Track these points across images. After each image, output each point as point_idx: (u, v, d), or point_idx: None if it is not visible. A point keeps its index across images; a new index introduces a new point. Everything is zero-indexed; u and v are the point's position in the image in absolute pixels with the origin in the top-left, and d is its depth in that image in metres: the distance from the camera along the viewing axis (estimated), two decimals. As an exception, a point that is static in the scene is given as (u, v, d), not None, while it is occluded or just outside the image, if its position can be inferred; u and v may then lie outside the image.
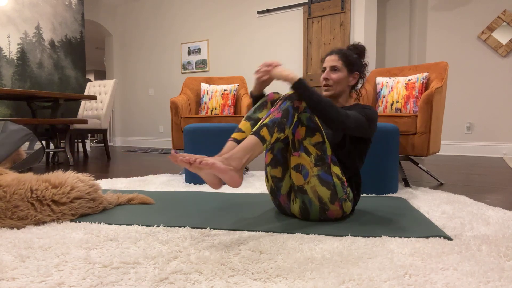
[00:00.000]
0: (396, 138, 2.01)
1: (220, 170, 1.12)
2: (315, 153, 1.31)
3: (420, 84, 2.47)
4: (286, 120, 1.26)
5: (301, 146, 1.31)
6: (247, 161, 1.19)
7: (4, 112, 4.50)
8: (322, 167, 1.31)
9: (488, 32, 4.53)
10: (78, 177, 1.52)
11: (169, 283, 0.86)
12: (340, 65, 1.51)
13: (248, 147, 1.20)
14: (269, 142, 1.23)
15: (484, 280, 0.86)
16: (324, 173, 1.31)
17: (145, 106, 6.84)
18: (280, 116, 1.26)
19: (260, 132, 1.22)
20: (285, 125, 1.26)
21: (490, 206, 1.69)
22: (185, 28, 6.26)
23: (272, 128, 1.23)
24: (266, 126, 1.23)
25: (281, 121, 1.25)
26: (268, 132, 1.22)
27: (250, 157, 1.20)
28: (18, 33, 4.68)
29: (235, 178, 1.16)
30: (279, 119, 1.25)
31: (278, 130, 1.24)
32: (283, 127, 1.25)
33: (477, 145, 4.66)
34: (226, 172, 1.13)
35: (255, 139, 1.21)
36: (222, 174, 1.13)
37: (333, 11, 4.67)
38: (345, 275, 0.89)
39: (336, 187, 1.33)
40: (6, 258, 1.01)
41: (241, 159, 1.18)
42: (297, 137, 1.32)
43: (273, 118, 1.26)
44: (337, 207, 1.35)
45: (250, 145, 1.20)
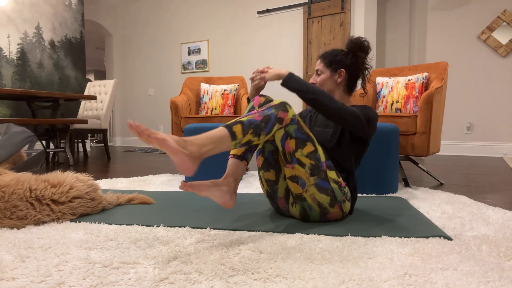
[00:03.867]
0: (396, 138, 2.01)
1: (171, 149, 1.00)
2: (309, 164, 1.27)
3: (420, 84, 2.47)
4: (264, 126, 1.17)
5: (293, 159, 1.27)
6: (208, 151, 1.08)
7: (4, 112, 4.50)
8: (319, 176, 1.29)
9: (488, 32, 4.53)
10: (77, 176, 1.52)
11: (169, 283, 0.86)
12: (322, 67, 1.55)
13: (213, 138, 1.09)
14: (239, 141, 1.13)
15: (484, 280, 0.86)
16: (322, 181, 1.29)
17: (145, 106, 6.84)
18: (260, 120, 1.17)
19: (233, 127, 1.13)
20: (262, 131, 1.17)
21: (490, 206, 1.69)
22: (185, 28, 6.26)
23: (247, 128, 1.14)
24: (242, 123, 1.15)
25: (259, 125, 1.17)
26: (242, 130, 1.13)
27: (213, 148, 1.09)
28: (18, 33, 4.68)
29: (186, 163, 1.03)
30: (257, 122, 1.17)
31: (252, 133, 1.15)
32: (259, 132, 1.16)
33: (477, 145, 4.66)
34: (177, 153, 1.01)
35: (224, 132, 1.11)
36: (173, 155, 1.01)
37: (333, 11, 4.67)
38: (345, 275, 0.89)
39: (335, 191, 1.32)
40: (6, 258, 1.00)
41: (201, 147, 1.07)
42: (288, 150, 1.27)
43: (252, 119, 1.17)
44: (337, 209, 1.36)
45: (217, 136, 1.10)
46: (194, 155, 1.05)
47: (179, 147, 1.02)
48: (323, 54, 1.58)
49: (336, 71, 1.53)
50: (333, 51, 1.56)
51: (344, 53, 1.54)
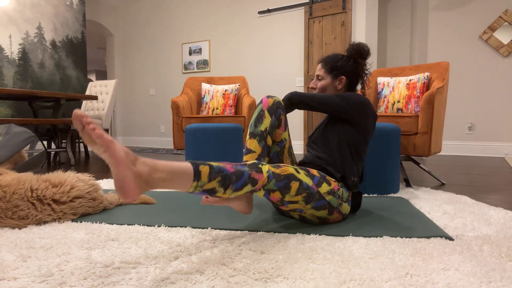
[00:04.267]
0: (397, 138, 2.00)
1: (116, 157, 0.85)
2: (301, 198, 1.25)
3: (422, 84, 2.47)
4: (235, 180, 1.07)
5: (284, 203, 1.25)
6: (160, 180, 0.93)
7: (5, 112, 4.51)
8: (313, 200, 1.28)
9: (490, 32, 4.52)
10: (78, 176, 1.52)
11: (170, 283, 0.86)
12: (322, 73, 1.56)
13: (173, 168, 0.96)
14: (201, 185, 1.01)
15: (486, 281, 0.86)
16: (317, 202, 1.29)
17: (146, 106, 6.84)
18: (231, 172, 1.07)
19: (200, 167, 1.01)
20: (231, 184, 1.06)
21: (492, 206, 1.69)
22: (186, 28, 6.26)
23: (215, 175, 1.03)
24: (211, 167, 1.03)
25: (230, 176, 1.06)
26: (209, 175, 1.02)
27: (167, 180, 0.94)
28: (20, 33, 4.69)
29: (128, 182, 0.86)
30: (229, 173, 1.06)
31: (220, 181, 1.04)
32: (227, 183, 1.05)
33: (479, 145, 4.65)
34: (122, 165, 0.86)
35: (189, 168, 0.99)
36: (116, 166, 0.85)
37: (334, 11, 4.66)
38: (346, 275, 0.89)
39: (331, 202, 1.32)
40: (7, 258, 1.01)
41: (154, 171, 0.92)
42: (276, 200, 1.23)
43: (223, 167, 1.06)
44: (336, 215, 1.36)
45: (178, 169, 0.97)
46: (141, 177, 0.90)
47: (127, 159, 0.87)
48: (324, 59, 1.58)
49: (337, 78, 1.55)
50: (335, 57, 1.56)
51: (345, 60, 1.55)
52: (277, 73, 5.35)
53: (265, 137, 1.38)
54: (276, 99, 1.44)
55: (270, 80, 5.41)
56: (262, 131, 1.38)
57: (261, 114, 1.41)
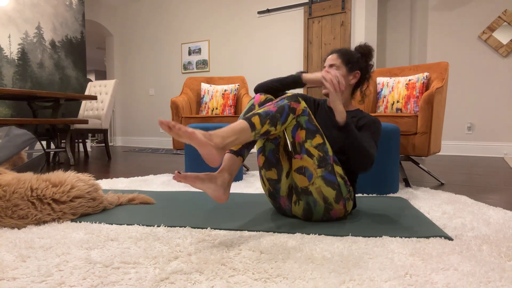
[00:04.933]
0: (396, 138, 2.01)
1: (199, 142, 1.06)
2: (317, 155, 1.30)
3: (421, 84, 2.47)
4: (280, 116, 1.24)
5: (302, 149, 1.30)
6: (231, 142, 1.14)
7: (5, 112, 4.51)
8: (326, 168, 1.31)
9: (489, 32, 4.52)
10: (78, 176, 1.52)
11: (169, 283, 0.86)
12: (339, 63, 1.51)
13: (235, 129, 1.16)
14: (258, 132, 1.19)
15: (485, 280, 0.86)
16: (328, 174, 1.31)
17: (145, 106, 6.84)
18: (275, 111, 1.23)
19: (252, 119, 1.19)
20: (278, 121, 1.23)
21: (491, 206, 1.69)
22: (185, 28, 6.26)
23: (264, 118, 1.20)
24: (259, 115, 1.21)
25: (275, 115, 1.23)
26: (260, 121, 1.19)
27: (235, 139, 1.15)
28: (19, 33, 4.68)
29: (213, 154, 1.09)
30: (273, 112, 1.23)
31: (269, 123, 1.21)
32: (275, 122, 1.22)
33: (478, 145, 4.65)
34: (205, 145, 1.07)
35: (244, 123, 1.18)
36: (201, 147, 1.07)
37: (334, 11, 4.67)
38: (346, 275, 0.89)
39: (341, 186, 1.34)
40: (7, 258, 1.01)
41: (224, 138, 1.13)
42: (298, 140, 1.31)
43: (268, 110, 1.23)
44: (341, 206, 1.36)
45: (238, 128, 1.16)
46: (219, 146, 1.11)
47: (206, 140, 1.07)
48: (340, 50, 1.55)
49: (352, 72, 1.53)
50: (350, 51, 1.54)
51: (359, 56, 1.54)
52: (276, 73, 5.35)
53: None
54: (268, 96, 1.44)
55: (270, 80, 5.40)
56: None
57: (251, 108, 1.42)
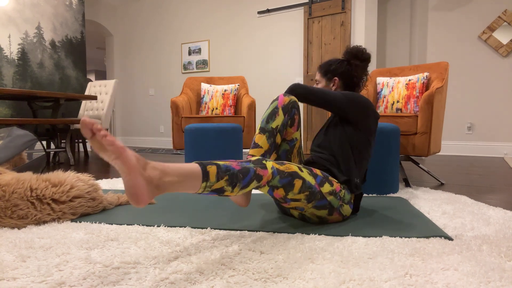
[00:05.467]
0: (396, 138, 2.01)
1: (128, 164, 0.86)
2: (304, 196, 1.25)
3: (421, 84, 2.47)
4: (242, 178, 1.08)
5: (287, 200, 1.25)
6: (170, 184, 0.94)
7: (5, 112, 4.51)
8: (315, 199, 1.28)
9: (489, 32, 4.52)
10: (77, 176, 1.52)
11: (169, 283, 0.86)
12: (319, 77, 1.66)
13: (182, 170, 0.97)
14: (210, 185, 1.01)
15: (485, 280, 0.86)
16: (319, 201, 1.30)
17: (145, 106, 6.84)
18: (238, 170, 1.08)
19: (207, 167, 1.02)
20: (239, 182, 1.07)
21: (491, 206, 1.69)
22: (185, 28, 6.26)
23: (223, 173, 1.04)
24: (218, 167, 1.04)
25: (237, 174, 1.07)
26: (217, 174, 1.03)
27: (177, 182, 0.95)
28: (19, 33, 4.68)
29: (140, 187, 0.87)
30: (235, 171, 1.07)
31: (227, 180, 1.04)
32: (235, 182, 1.06)
33: (478, 145, 4.65)
34: (134, 172, 0.86)
35: (197, 169, 1.00)
36: (127, 173, 0.86)
37: (334, 11, 4.67)
38: (346, 275, 0.89)
39: (332, 202, 1.32)
40: (7, 258, 1.01)
41: (164, 175, 0.93)
42: (279, 196, 1.23)
43: (229, 165, 1.07)
44: (336, 215, 1.36)
45: (187, 170, 0.98)
46: (152, 182, 0.91)
47: (139, 166, 0.88)
48: (320, 65, 1.69)
49: (331, 80, 1.63)
50: (329, 61, 1.66)
51: (339, 62, 1.63)
52: (276, 73, 5.35)
53: (275, 135, 1.38)
54: (292, 98, 1.44)
55: (270, 80, 5.41)
56: (273, 128, 1.38)
57: (275, 111, 1.41)
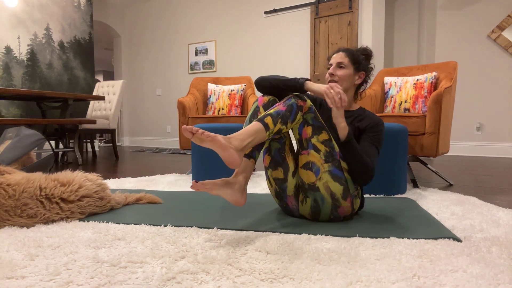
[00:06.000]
0: (404, 139, 1.99)
1: (221, 145, 1.13)
2: (324, 150, 1.32)
3: (429, 84, 2.45)
4: (289, 114, 1.30)
5: (309, 144, 1.33)
6: (248, 144, 1.21)
7: (14, 112, 4.56)
8: (333, 163, 1.32)
9: (498, 31, 4.47)
10: (86, 176, 1.53)
11: (176, 282, 0.86)
12: (346, 62, 1.52)
13: (251, 131, 1.23)
14: (272, 131, 1.26)
15: (494, 283, 0.85)
16: (335, 169, 1.32)
17: (152, 106, 6.88)
18: (285, 110, 1.30)
19: (265, 120, 1.26)
20: (288, 119, 1.30)
21: (501, 207, 1.67)
22: (192, 29, 6.28)
23: (276, 118, 1.27)
24: (271, 115, 1.28)
25: (285, 114, 1.29)
26: (272, 121, 1.26)
27: (252, 141, 1.22)
28: (28, 34, 4.74)
29: (234, 157, 1.16)
30: (283, 111, 1.29)
31: (281, 122, 1.28)
32: (286, 120, 1.29)
33: (487, 146, 4.60)
34: (227, 148, 1.14)
35: (259, 125, 1.25)
36: (222, 151, 1.14)
37: (341, 11, 4.65)
38: (353, 276, 0.89)
39: (348, 182, 1.35)
40: (15, 257, 1.02)
41: (242, 141, 1.20)
42: (304, 136, 1.34)
43: (278, 109, 1.30)
44: (348, 203, 1.35)
45: (253, 130, 1.23)
46: (238, 149, 1.18)
47: (227, 143, 1.15)
48: (348, 49, 1.56)
49: (358, 72, 1.54)
50: (356, 51, 1.55)
51: (364, 57, 1.56)
52: (283, 73, 5.34)
53: None
54: (271, 97, 1.45)
55: (276, 80, 5.40)
56: None
57: (256, 110, 1.44)
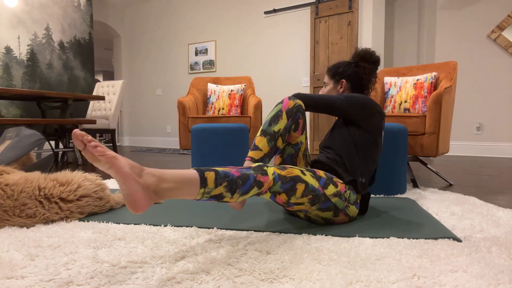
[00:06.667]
0: (404, 139, 1.99)
1: (122, 172, 0.85)
2: (307, 199, 1.23)
3: (429, 84, 2.45)
4: (241, 184, 1.06)
5: (290, 204, 1.23)
6: (167, 191, 0.93)
7: (14, 112, 4.56)
8: (319, 202, 1.27)
9: (498, 31, 4.47)
10: (85, 176, 1.53)
11: (176, 282, 0.86)
12: (327, 80, 1.68)
13: (179, 176, 0.96)
14: (208, 191, 1.00)
15: (494, 283, 0.85)
16: (323, 204, 1.28)
17: (152, 106, 6.88)
18: (237, 177, 1.06)
19: (205, 173, 1.01)
20: (238, 189, 1.05)
21: (500, 207, 1.66)
22: (192, 29, 6.28)
23: (221, 179, 1.02)
24: (216, 173, 1.03)
25: (236, 181, 1.05)
26: (215, 180, 1.01)
27: (175, 189, 0.94)
28: (28, 34, 4.73)
29: (137, 195, 0.86)
30: (234, 177, 1.05)
31: (226, 186, 1.02)
32: (234, 188, 1.04)
33: (487, 146, 4.60)
34: (129, 179, 0.86)
35: (194, 175, 0.98)
36: (123, 181, 0.86)
37: (341, 11, 4.65)
38: (353, 276, 0.89)
39: (336, 204, 1.31)
40: (15, 257, 1.02)
41: (161, 181, 0.92)
42: (282, 202, 1.21)
43: (228, 172, 1.05)
44: (342, 216, 1.35)
45: (184, 177, 0.97)
46: (149, 188, 0.90)
47: (132, 173, 0.87)
48: (328, 67, 1.70)
49: (338, 82, 1.65)
50: (337, 64, 1.68)
51: (346, 64, 1.64)
52: (283, 73, 5.34)
53: (276, 139, 1.36)
54: (297, 102, 1.41)
55: (276, 80, 5.40)
56: (275, 131, 1.37)
57: (278, 114, 1.39)
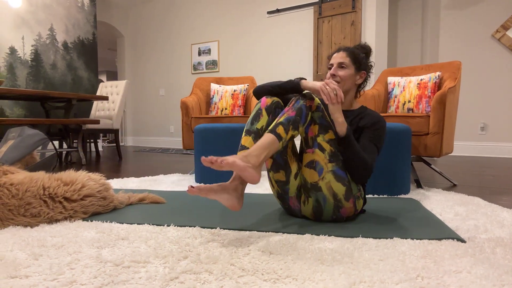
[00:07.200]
0: (408, 139, 1.98)
1: (240, 168, 1.15)
2: (329, 149, 1.32)
3: (433, 84, 2.43)
4: (299, 119, 1.30)
5: (314, 143, 1.33)
6: (264, 158, 1.22)
7: (18, 113, 4.59)
8: (337, 163, 1.32)
9: (503, 30, 4.44)
10: (89, 176, 1.54)
11: (179, 282, 0.86)
12: (348, 62, 1.50)
13: (265, 145, 1.23)
14: (285, 140, 1.26)
15: (499, 284, 0.84)
16: (339, 169, 1.32)
17: (156, 106, 6.89)
18: (295, 115, 1.30)
19: (276, 130, 1.26)
20: (299, 123, 1.30)
21: (505, 208, 1.65)
22: (195, 29, 6.29)
23: (287, 126, 1.27)
24: (282, 124, 1.27)
25: (295, 119, 1.29)
26: (284, 130, 1.26)
27: (267, 154, 1.23)
28: (32, 34, 4.76)
29: (253, 175, 1.18)
30: (293, 117, 1.29)
31: (292, 128, 1.28)
32: (297, 125, 1.29)
33: (491, 146, 4.57)
34: (246, 169, 1.16)
35: (271, 137, 1.25)
36: (242, 172, 1.15)
37: (344, 11, 4.64)
38: (356, 276, 0.88)
39: (351, 183, 1.34)
40: (19, 256, 1.02)
41: (258, 157, 1.21)
42: (310, 134, 1.34)
43: (288, 116, 1.29)
44: (350, 204, 1.35)
45: (267, 143, 1.24)
46: (256, 165, 1.20)
47: (245, 164, 1.16)
48: (349, 48, 1.53)
49: (359, 71, 1.52)
50: (358, 51, 1.53)
51: (364, 56, 1.54)
52: (286, 73, 5.34)
53: (261, 135, 1.36)
54: (274, 99, 1.42)
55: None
56: (258, 129, 1.38)
57: (258, 112, 1.41)
